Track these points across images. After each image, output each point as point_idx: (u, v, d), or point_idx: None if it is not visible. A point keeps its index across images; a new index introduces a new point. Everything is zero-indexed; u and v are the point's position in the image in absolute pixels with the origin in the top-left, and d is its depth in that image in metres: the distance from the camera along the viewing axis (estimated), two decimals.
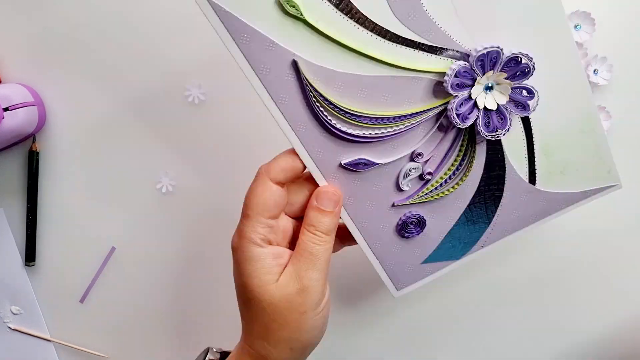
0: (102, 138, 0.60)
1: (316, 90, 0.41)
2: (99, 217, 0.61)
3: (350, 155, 0.44)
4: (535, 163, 0.46)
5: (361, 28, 0.40)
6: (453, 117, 0.42)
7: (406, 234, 0.47)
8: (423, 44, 0.41)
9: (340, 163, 0.44)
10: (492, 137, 0.43)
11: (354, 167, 0.44)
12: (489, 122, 0.43)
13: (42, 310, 0.62)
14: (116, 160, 0.60)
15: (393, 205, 0.46)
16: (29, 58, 0.59)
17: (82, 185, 0.61)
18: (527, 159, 0.46)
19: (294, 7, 0.38)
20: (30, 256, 0.61)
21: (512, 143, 0.45)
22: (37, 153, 0.60)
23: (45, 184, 0.62)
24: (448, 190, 0.46)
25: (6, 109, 0.53)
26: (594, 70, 0.57)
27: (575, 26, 0.55)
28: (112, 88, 0.59)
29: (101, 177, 0.60)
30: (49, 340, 0.61)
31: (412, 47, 0.41)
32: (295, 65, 0.40)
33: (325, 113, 0.42)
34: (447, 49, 0.41)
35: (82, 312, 0.62)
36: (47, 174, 0.62)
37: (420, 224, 0.47)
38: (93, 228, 0.61)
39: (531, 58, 0.41)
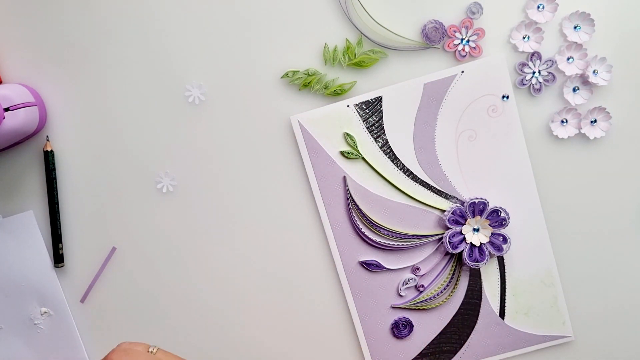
0: (102, 138, 0.60)
1: (354, 202, 0.58)
2: (99, 217, 0.61)
3: (367, 256, 0.59)
4: (506, 300, 0.60)
5: (394, 166, 0.58)
6: (446, 243, 0.57)
7: (398, 334, 0.60)
8: (435, 188, 0.58)
9: (358, 260, 0.59)
10: (473, 266, 0.58)
11: (367, 266, 0.59)
12: (472, 254, 0.58)
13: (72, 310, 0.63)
14: (116, 160, 0.60)
15: (391, 307, 0.60)
16: (29, 58, 0.59)
17: (82, 185, 0.61)
18: (499, 295, 0.60)
19: (352, 140, 0.57)
20: (58, 258, 0.61)
21: (489, 279, 0.60)
22: (53, 152, 0.60)
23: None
24: (435, 304, 0.60)
25: (7, 109, 0.53)
26: (594, 71, 0.56)
27: (575, 27, 0.55)
28: (112, 88, 0.59)
29: (101, 177, 0.61)
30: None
31: (427, 188, 0.58)
32: (344, 180, 0.58)
33: (356, 219, 0.58)
34: (450, 195, 0.58)
35: (83, 312, 0.63)
36: None
37: (410, 327, 0.60)
38: (93, 228, 0.62)
39: (508, 213, 0.57)
